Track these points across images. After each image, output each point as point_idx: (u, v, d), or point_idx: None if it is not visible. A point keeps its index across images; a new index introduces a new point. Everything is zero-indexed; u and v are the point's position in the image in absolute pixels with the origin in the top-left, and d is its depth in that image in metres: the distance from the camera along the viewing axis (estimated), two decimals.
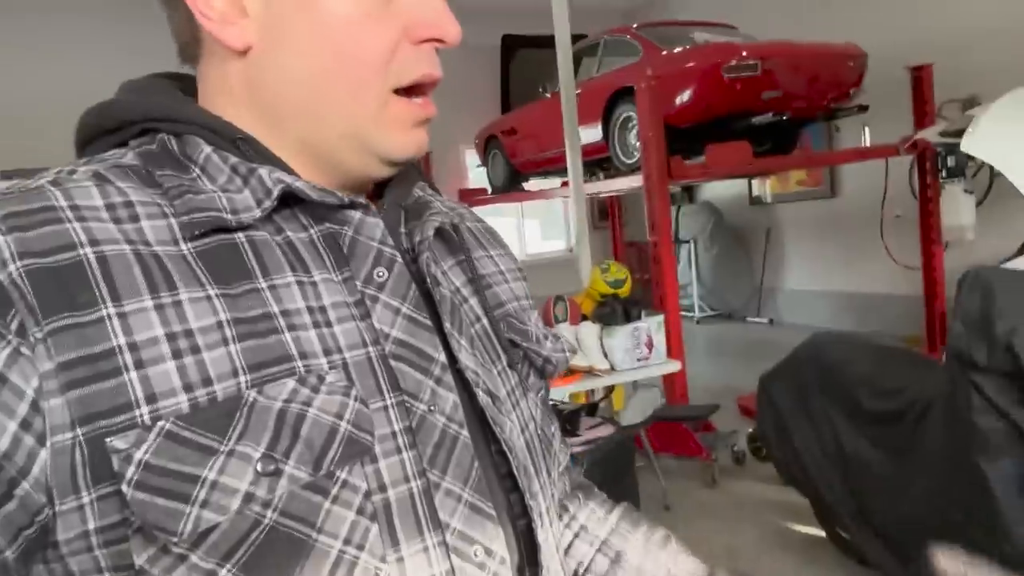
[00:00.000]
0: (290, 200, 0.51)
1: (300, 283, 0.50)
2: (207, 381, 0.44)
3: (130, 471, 0.41)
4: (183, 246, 0.47)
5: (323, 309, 0.50)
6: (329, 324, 0.49)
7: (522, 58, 7.91)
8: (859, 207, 6.47)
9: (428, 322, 0.54)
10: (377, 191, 0.59)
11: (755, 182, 7.60)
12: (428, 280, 0.55)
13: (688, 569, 0.71)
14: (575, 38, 4.55)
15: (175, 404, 0.43)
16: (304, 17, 0.50)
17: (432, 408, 0.51)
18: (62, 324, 0.42)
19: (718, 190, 8.18)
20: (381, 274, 0.53)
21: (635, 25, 5.53)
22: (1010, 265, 3.35)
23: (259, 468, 0.43)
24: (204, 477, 0.42)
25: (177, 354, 0.43)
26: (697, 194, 8.55)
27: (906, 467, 2.03)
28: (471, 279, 0.62)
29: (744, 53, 4.37)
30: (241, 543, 0.43)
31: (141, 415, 0.42)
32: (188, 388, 0.43)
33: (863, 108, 4.78)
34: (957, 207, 4.73)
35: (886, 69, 5.02)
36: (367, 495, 0.47)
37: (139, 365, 0.42)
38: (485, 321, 0.62)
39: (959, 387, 1.75)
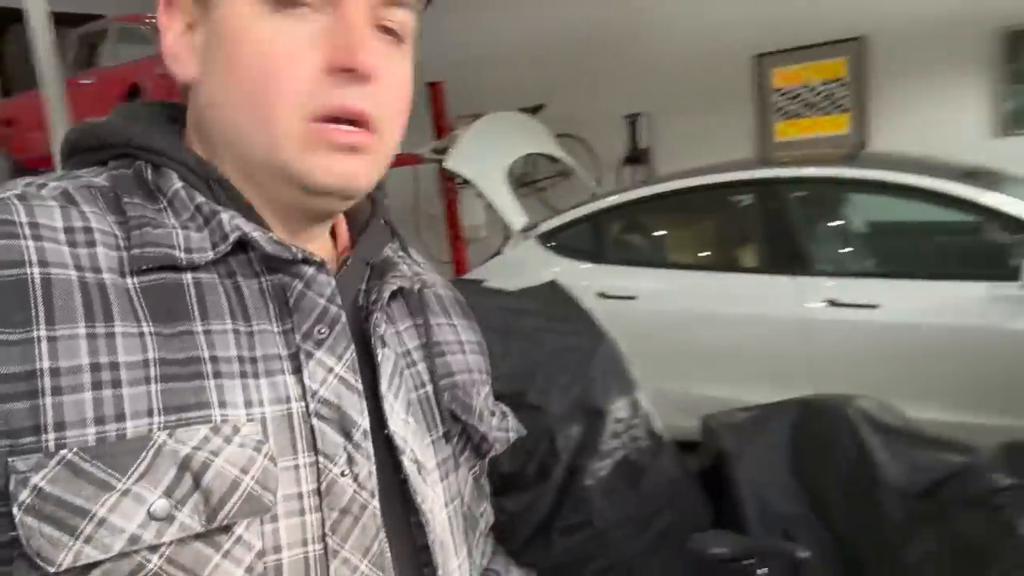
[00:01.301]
0: (247, 246, 0.51)
1: (236, 331, 0.50)
2: (120, 417, 0.44)
3: (23, 494, 0.41)
4: (128, 280, 0.48)
5: (254, 360, 0.50)
6: (257, 375, 0.49)
7: (19, 34, 6.74)
8: (398, 206, 6.98)
9: (359, 386, 0.53)
10: (354, 245, 0.60)
11: None
12: (373, 339, 0.55)
13: None
14: (84, 18, 3.98)
15: (81, 435, 0.43)
16: (228, 49, 0.51)
17: (345, 473, 0.51)
18: None
19: None
20: (322, 331, 0.52)
21: (149, 15, 5.10)
22: (497, 260, 3.95)
23: (152, 511, 0.43)
24: (93, 512, 0.42)
25: (97, 385, 0.44)
26: None
27: None
28: (424, 344, 0.62)
29: None
30: None
31: (46, 440, 0.42)
32: (99, 421, 0.43)
33: None
34: (472, 209, 5.40)
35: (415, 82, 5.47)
36: (260, 554, 0.47)
37: (56, 391, 0.42)
38: (429, 388, 0.61)
39: None
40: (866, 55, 4.99)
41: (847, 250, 3.51)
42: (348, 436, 0.51)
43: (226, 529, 0.45)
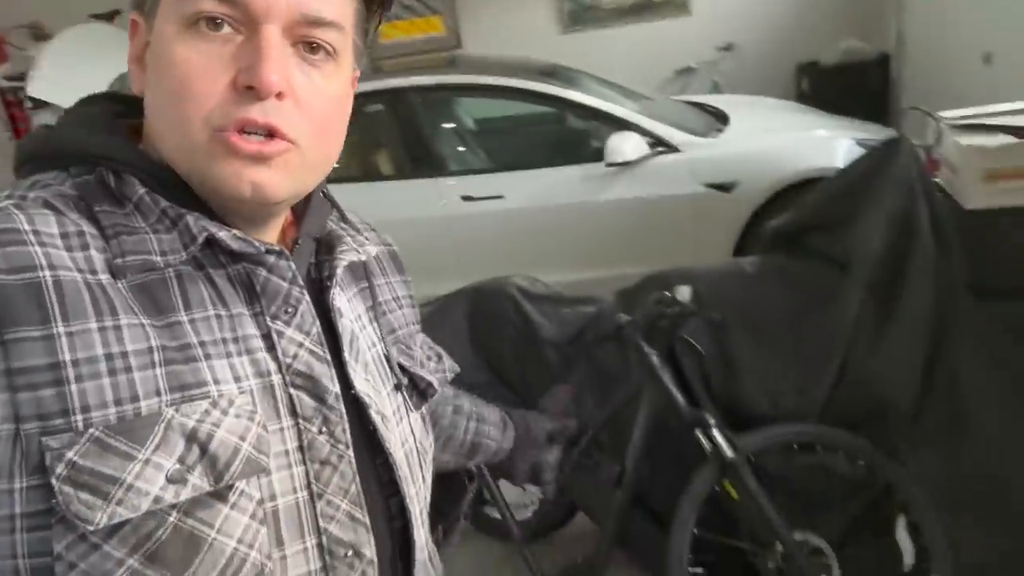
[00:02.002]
0: (211, 242, 0.55)
1: (218, 316, 0.56)
2: (135, 398, 0.50)
3: (60, 467, 0.48)
4: (118, 281, 0.53)
5: (236, 340, 0.56)
6: (240, 354, 0.56)
7: None
8: None
9: (327, 356, 0.60)
10: (296, 221, 0.66)
11: None
12: (332, 312, 0.63)
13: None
14: None
15: (104, 415, 0.49)
16: (158, 66, 0.56)
17: (321, 431, 0.59)
18: (19, 336, 0.48)
19: None
20: (288, 311, 0.59)
21: None
22: None
23: (169, 475, 0.50)
24: (122, 479, 0.49)
25: (112, 372, 0.50)
26: None
27: None
28: (371, 306, 0.71)
29: None
30: (148, 537, 0.50)
31: (75, 421, 0.48)
32: (118, 402, 0.50)
33: None
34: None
35: None
36: (260, 503, 0.54)
37: (79, 379, 0.49)
38: (380, 347, 0.70)
39: None
40: None
41: (472, 149, 3.96)
42: (322, 400, 0.59)
43: (231, 487, 0.53)
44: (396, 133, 3.66)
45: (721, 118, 3.85)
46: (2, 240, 0.49)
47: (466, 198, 3.49)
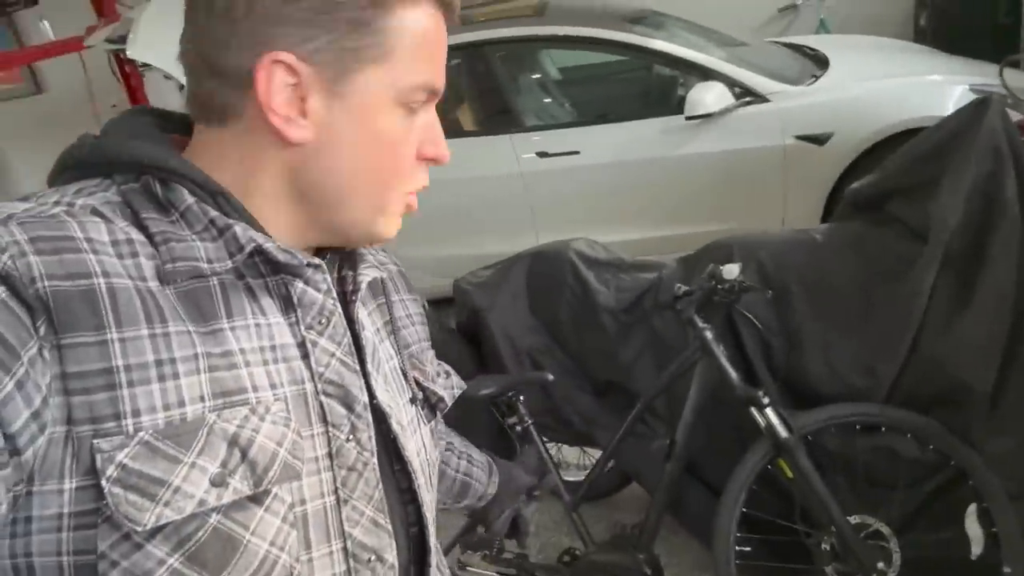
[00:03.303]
0: (255, 253, 0.57)
1: (257, 325, 0.57)
2: (181, 403, 0.52)
3: (111, 469, 0.49)
4: (166, 288, 0.54)
5: (273, 348, 0.58)
6: (276, 362, 0.58)
7: None
8: (70, 100, 6.10)
9: (357, 367, 0.62)
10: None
11: None
12: (356, 324, 0.65)
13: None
14: None
15: (153, 420, 0.50)
16: (359, 131, 0.59)
17: (349, 439, 0.60)
18: (75, 340, 0.49)
19: None
20: (322, 322, 0.61)
21: None
22: None
23: (212, 479, 0.51)
24: (170, 482, 0.50)
25: (162, 378, 0.51)
26: None
27: None
28: (387, 322, 0.73)
29: None
30: (189, 538, 0.51)
31: (126, 425, 0.50)
32: (166, 408, 0.51)
33: (32, 1, 4.38)
34: (161, 91, 4.89)
35: None
36: (291, 507, 0.56)
37: (131, 384, 0.50)
38: (396, 361, 0.72)
39: None
40: None
41: (548, 103, 3.89)
42: (351, 409, 0.61)
43: (267, 492, 0.54)
44: (472, 88, 3.63)
45: (821, 62, 3.59)
46: (59, 247, 0.50)
47: (541, 154, 3.45)
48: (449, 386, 0.82)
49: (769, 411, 1.68)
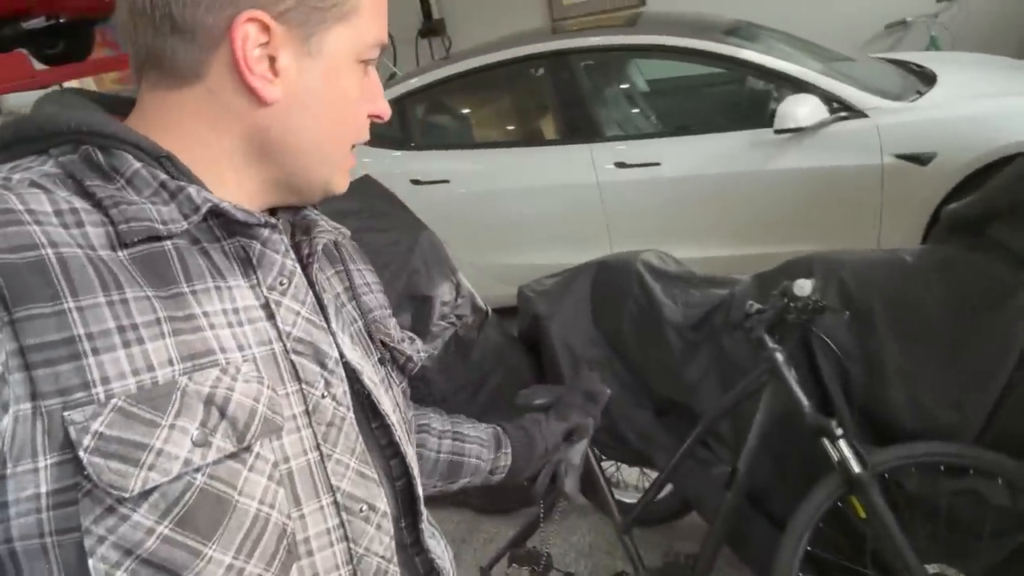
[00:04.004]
0: (207, 215, 0.57)
1: (218, 288, 0.57)
2: (150, 368, 0.51)
3: (87, 439, 0.48)
4: (119, 252, 0.53)
5: (236, 311, 0.57)
6: (241, 324, 0.57)
7: None
8: None
9: (323, 324, 0.63)
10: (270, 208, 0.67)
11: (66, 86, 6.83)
12: (316, 286, 0.65)
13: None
14: None
15: (124, 385, 0.49)
16: (326, 89, 0.61)
17: (324, 395, 0.61)
18: (30, 313, 0.48)
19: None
20: (283, 282, 0.61)
21: None
22: None
23: (194, 439, 0.51)
24: (151, 445, 0.49)
25: (127, 344, 0.50)
26: None
27: None
28: (347, 287, 0.74)
29: None
30: (177, 502, 0.50)
31: (97, 393, 0.48)
32: (135, 372, 0.50)
33: None
34: None
35: None
36: (275, 465, 0.56)
37: (96, 352, 0.49)
38: (360, 323, 0.73)
39: None
40: None
41: (631, 113, 3.81)
42: (323, 365, 0.61)
43: (248, 448, 0.54)
44: (554, 97, 3.60)
45: (927, 79, 3.38)
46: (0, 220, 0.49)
47: (620, 164, 3.37)
48: (416, 349, 0.81)
49: (842, 443, 1.55)
